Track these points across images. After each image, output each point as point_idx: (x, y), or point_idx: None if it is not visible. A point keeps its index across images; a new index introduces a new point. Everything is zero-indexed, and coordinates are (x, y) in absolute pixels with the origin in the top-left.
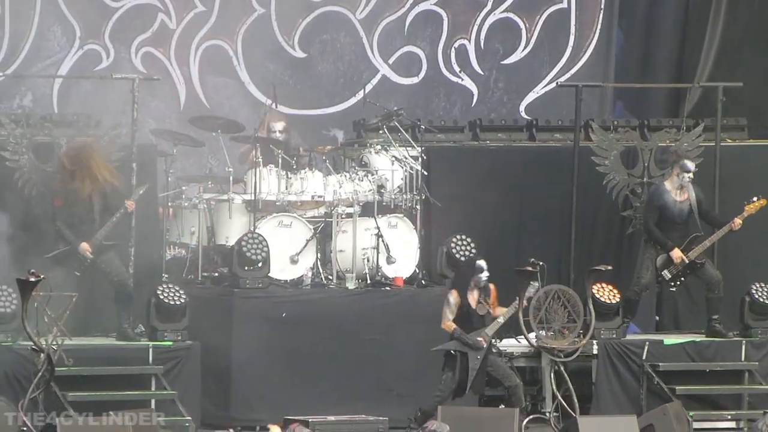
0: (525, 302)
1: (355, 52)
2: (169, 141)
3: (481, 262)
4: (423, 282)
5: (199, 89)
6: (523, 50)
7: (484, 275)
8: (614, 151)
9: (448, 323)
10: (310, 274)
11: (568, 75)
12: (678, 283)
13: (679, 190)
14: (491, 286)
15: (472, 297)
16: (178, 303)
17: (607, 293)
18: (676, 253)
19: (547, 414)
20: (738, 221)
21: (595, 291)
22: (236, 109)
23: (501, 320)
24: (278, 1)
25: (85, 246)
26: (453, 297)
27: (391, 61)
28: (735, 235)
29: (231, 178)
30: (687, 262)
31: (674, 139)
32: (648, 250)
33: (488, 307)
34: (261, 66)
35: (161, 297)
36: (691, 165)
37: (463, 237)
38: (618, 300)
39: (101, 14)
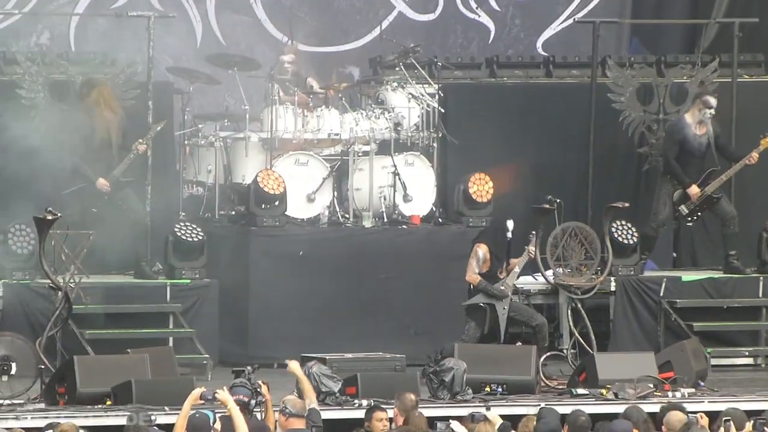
0: (531, 254)
1: None
2: (186, 79)
3: (509, 223)
4: (440, 220)
5: (215, 27)
6: None
7: (508, 235)
8: (630, 87)
9: (474, 276)
10: (326, 212)
11: (584, 12)
12: (695, 218)
13: (698, 124)
14: None
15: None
16: (195, 240)
17: (625, 232)
18: (693, 189)
19: (565, 351)
20: (755, 155)
21: (613, 230)
22: (252, 46)
23: (518, 269)
24: None
25: (102, 181)
26: (482, 250)
27: None
28: (753, 171)
29: (247, 116)
30: (703, 197)
31: (690, 75)
32: (665, 186)
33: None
34: (277, 3)
35: (179, 234)
36: (713, 101)
37: (481, 176)
38: (636, 239)
39: None
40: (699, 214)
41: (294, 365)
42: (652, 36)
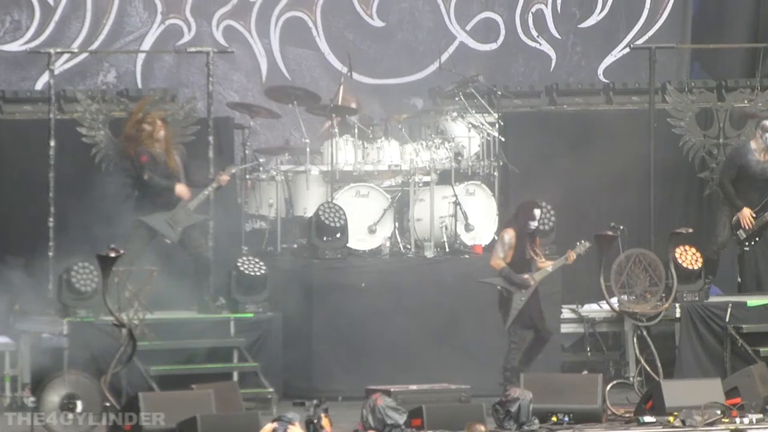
0: (570, 259)
1: (433, 20)
2: (246, 114)
3: (537, 211)
4: None
5: (280, 61)
6: (599, 13)
7: (533, 224)
8: (689, 112)
9: (498, 261)
10: (388, 243)
11: (645, 37)
12: (753, 243)
13: (763, 151)
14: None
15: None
16: (258, 274)
17: (689, 257)
18: (745, 213)
19: (631, 379)
20: None
21: (677, 255)
22: (317, 79)
23: (550, 269)
24: None
25: (182, 187)
26: (509, 235)
27: (468, 28)
28: None
29: (308, 150)
30: (762, 222)
31: (749, 100)
32: (724, 208)
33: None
34: (340, 36)
35: (241, 269)
36: None
37: (544, 205)
38: (701, 265)
39: None
40: (757, 239)
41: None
42: (713, 61)
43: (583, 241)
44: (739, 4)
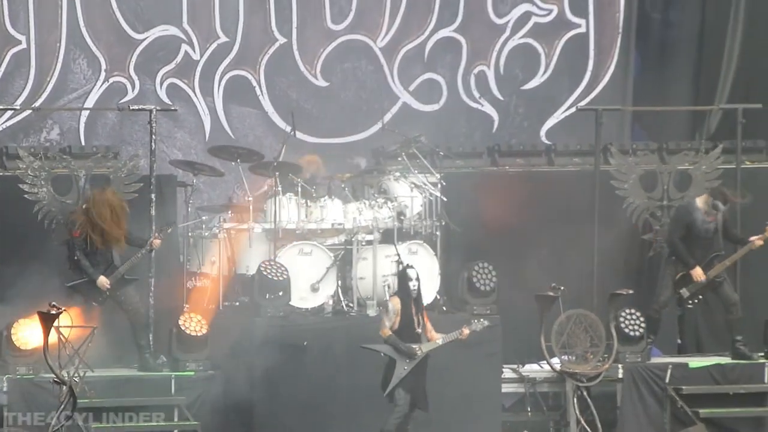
0: (464, 334)
1: (376, 80)
2: (189, 171)
3: (411, 271)
4: (444, 308)
5: (223, 119)
6: (542, 75)
7: (412, 285)
8: (633, 174)
9: (385, 329)
10: (330, 301)
11: (588, 99)
12: (695, 301)
13: (709, 213)
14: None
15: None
16: (199, 333)
17: (632, 322)
18: (697, 271)
19: None
20: (758, 242)
21: (621, 320)
22: (260, 138)
23: (440, 342)
24: (300, 30)
25: (103, 280)
26: (392, 304)
27: (411, 89)
28: (758, 255)
29: (251, 208)
30: (706, 281)
31: (693, 162)
32: (668, 267)
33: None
34: (284, 95)
35: (183, 327)
36: (721, 206)
37: (485, 265)
38: (643, 329)
39: (126, 46)
40: (700, 297)
41: None
42: (655, 123)
43: (481, 320)
44: (679, 67)
